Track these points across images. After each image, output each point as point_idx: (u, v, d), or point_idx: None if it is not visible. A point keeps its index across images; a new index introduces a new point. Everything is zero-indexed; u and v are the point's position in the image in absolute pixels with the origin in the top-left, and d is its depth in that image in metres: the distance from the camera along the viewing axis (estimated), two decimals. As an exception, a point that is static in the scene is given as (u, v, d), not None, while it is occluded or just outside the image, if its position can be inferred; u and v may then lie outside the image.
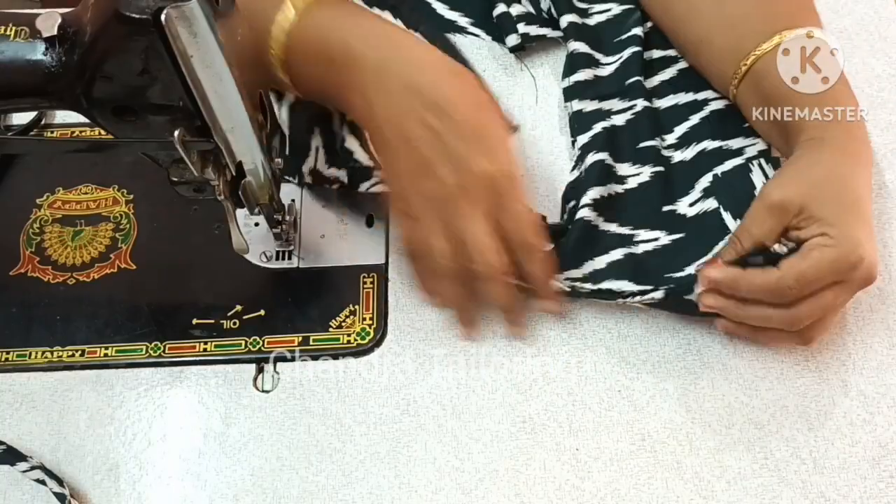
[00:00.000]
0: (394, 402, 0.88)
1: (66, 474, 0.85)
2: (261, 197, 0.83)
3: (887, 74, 1.03)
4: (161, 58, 0.65)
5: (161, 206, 0.98)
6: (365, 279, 0.94)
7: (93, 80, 0.69)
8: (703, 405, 0.87)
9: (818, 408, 0.87)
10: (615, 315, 0.91)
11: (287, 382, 0.89)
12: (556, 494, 0.84)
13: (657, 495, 0.84)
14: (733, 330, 0.88)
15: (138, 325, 0.92)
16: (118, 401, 0.89)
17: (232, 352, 0.91)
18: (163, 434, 0.88)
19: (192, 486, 0.85)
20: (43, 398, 0.89)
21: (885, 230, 0.94)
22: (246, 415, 0.88)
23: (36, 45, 0.70)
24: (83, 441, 0.87)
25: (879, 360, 0.89)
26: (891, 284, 0.92)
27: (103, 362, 0.90)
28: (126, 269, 0.95)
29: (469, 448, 0.86)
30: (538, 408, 0.87)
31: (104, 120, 0.73)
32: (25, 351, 0.91)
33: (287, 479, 0.85)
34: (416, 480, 0.85)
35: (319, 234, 0.96)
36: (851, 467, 0.84)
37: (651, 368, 0.89)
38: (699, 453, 0.85)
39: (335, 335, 0.91)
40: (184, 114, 0.71)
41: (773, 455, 0.85)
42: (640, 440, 0.86)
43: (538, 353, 0.90)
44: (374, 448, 0.86)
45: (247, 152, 0.77)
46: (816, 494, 0.83)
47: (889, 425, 0.86)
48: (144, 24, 0.63)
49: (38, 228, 0.97)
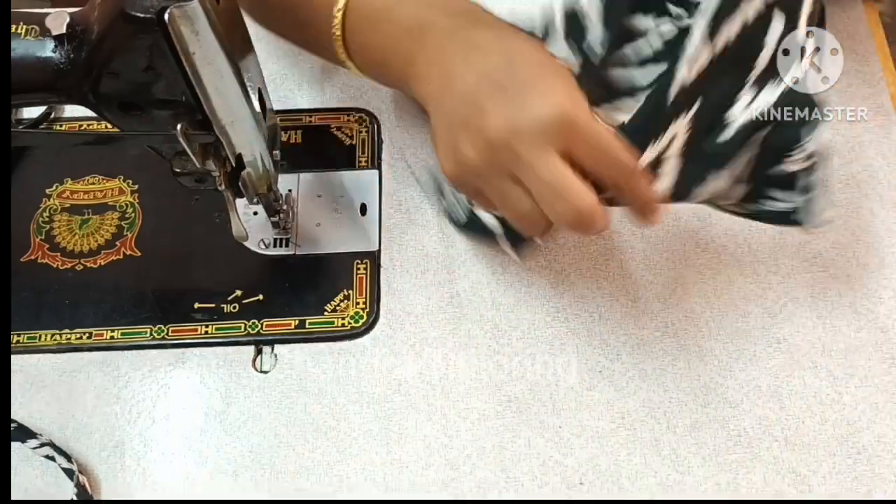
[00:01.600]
0: (385, 382, 0.90)
1: (74, 451, 0.87)
2: (259, 187, 0.85)
3: (854, 70, 1.05)
4: (165, 55, 0.67)
5: (165, 196, 0.99)
6: (358, 265, 0.95)
7: (100, 76, 0.71)
8: (679, 385, 0.90)
9: (789, 388, 0.89)
10: (597, 299, 0.93)
11: (284, 363, 0.91)
12: (540, 470, 0.86)
13: (636, 471, 0.86)
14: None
15: (143, 309, 0.93)
16: (124, 381, 0.90)
17: (232, 334, 0.92)
18: (166, 413, 0.89)
19: (193, 462, 0.87)
20: (52, 378, 0.90)
21: (853, 219, 0.97)
22: (245, 394, 0.90)
23: (46, 42, 0.71)
24: (90, 419, 0.89)
25: (847, 342, 0.91)
26: (858, 270, 0.94)
27: (109, 344, 0.92)
28: (131, 255, 0.96)
29: (457, 426, 0.88)
30: (523, 388, 0.89)
31: (111, 114, 0.74)
32: (35, 333, 0.92)
33: (284, 456, 0.87)
34: (406, 456, 0.87)
35: (315, 222, 0.98)
36: (821, 444, 0.87)
37: (630, 350, 0.91)
38: (676, 431, 0.88)
39: (330, 319, 0.93)
40: (186, 108, 0.72)
41: (746, 433, 0.87)
42: (620, 418, 0.88)
43: (523, 336, 0.92)
44: (366, 426, 0.88)
45: (246, 145, 0.78)
46: (787, 470, 0.86)
47: (856, 404, 0.88)
48: (149, 22, 0.64)
49: (48, 217, 0.98)
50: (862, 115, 1.02)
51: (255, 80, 0.80)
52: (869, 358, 0.91)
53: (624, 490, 0.85)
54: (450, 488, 0.86)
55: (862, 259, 0.95)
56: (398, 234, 0.98)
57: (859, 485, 0.85)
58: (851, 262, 0.95)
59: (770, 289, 0.94)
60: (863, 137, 1.02)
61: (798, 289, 0.94)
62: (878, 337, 0.92)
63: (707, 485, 0.86)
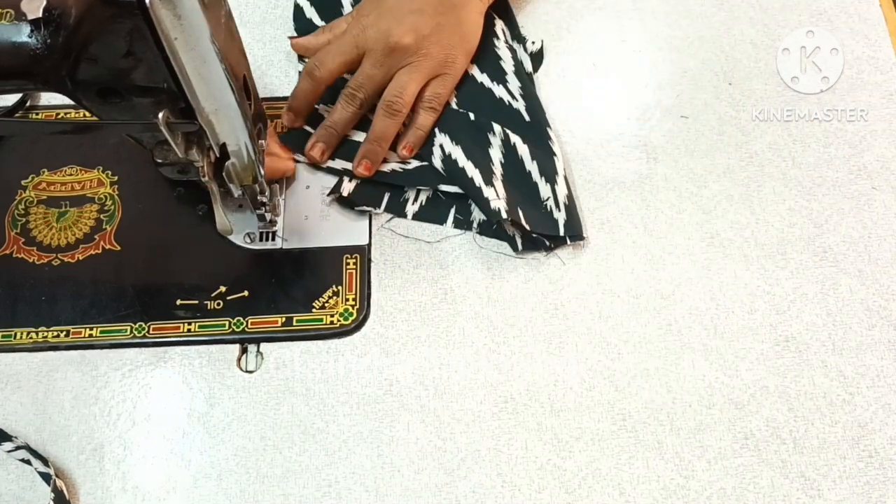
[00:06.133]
0: (376, 382, 0.89)
1: (50, 454, 0.85)
2: (244, 178, 0.84)
3: (867, 56, 1.03)
4: (146, 40, 0.65)
5: (145, 188, 0.98)
6: (348, 260, 0.94)
7: (78, 62, 0.69)
8: (683, 385, 0.88)
9: (798, 388, 0.87)
10: (597, 295, 0.92)
11: (270, 363, 0.90)
12: (538, 474, 0.84)
13: (638, 475, 0.84)
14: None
15: (123, 305, 0.92)
16: (103, 381, 0.89)
17: (216, 332, 0.91)
18: (147, 414, 0.88)
19: (176, 466, 0.85)
20: (28, 378, 0.89)
21: (865, 212, 0.95)
22: (230, 395, 0.88)
23: (21, 27, 0.69)
24: (68, 421, 0.87)
25: (859, 340, 0.89)
26: (870, 265, 0.92)
27: (88, 343, 0.90)
28: (111, 250, 0.95)
29: (451, 428, 0.86)
30: (520, 388, 0.88)
31: (89, 102, 0.73)
32: (10, 331, 0.91)
33: (270, 459, 0.85)
34: (398, 460, 0.85)
35: (303, 215, 0.96)
36: (831, 447, 0.85)
37: (632, 349, 0.89)
38: (680, 433, 0.86)
39: (318, 316, 0.91)
40: (168, 96, 0.71)
41: (753, 435, 0.85)
42: (622, 420, 0.86)
43: (519, 334, 0.90)
44: (356, 428, 0.86)
45: (230, 134, 0.77)
46: (796, 474, 0.84)
47: (868, 405, 0.86)
48: (129, 6, 0.63)
49: (24, 210, 0.97)
50: (862, 115, 1.01)
51: (241, 67, 0.78)
52: (881, 357, 0.89)
53: (625, 495, 0.84)
54: (443, 493, 0.84)
55: (874, 254, 0.93)
56: (389, 227, 0.96)
57: (871, 489, 0.84)
58: (863, 256, 0.93)
59: (778, 285, 0.92)
60: (874, 126, 1.00)
61: (807, 285, 0.92)
62: (891, 335, 0.90)
63: (712, 489, 0.84)
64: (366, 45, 0.96)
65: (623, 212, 0.96)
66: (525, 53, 1.05)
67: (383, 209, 0.96)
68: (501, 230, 0.94)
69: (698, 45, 1.05)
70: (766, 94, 1.01)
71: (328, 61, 0.97)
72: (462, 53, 0.99)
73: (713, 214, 0.96)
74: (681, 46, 1.05)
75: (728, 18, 1.06)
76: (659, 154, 0.99)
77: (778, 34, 1.04)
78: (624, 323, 0.90)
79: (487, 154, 0.95)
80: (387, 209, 0.96)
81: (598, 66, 1.05)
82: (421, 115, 0.97)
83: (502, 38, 1.04)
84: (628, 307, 0.91)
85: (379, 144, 0.96)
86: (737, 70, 1.03)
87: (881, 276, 0.92)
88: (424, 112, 0.97)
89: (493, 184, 0.93)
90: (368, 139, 0.96)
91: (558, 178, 0.95)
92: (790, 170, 0.97)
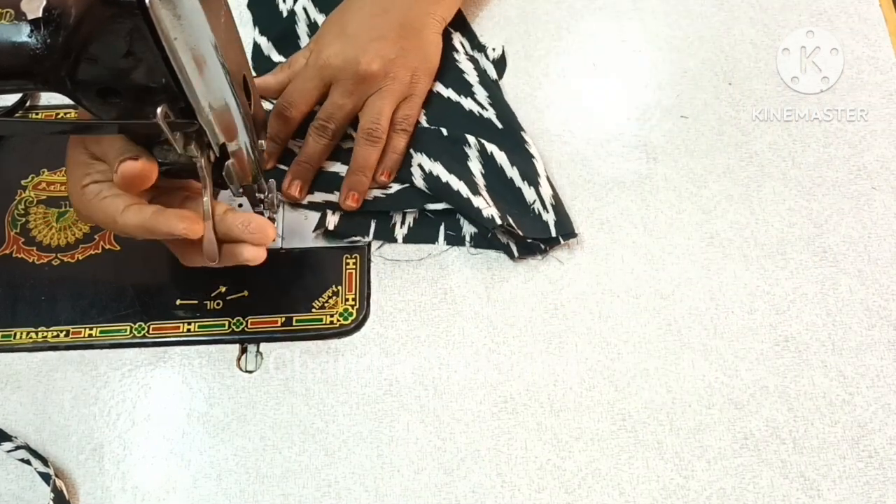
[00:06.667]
0: (376, 382, 0.88)
1: (50, 454, 0.85)
2: (244, 178, 0.83)
3: (867, 56, 1.03)
4: (145, 40, 0.65)
5: None
6: (348, 260, 0.94)
7: (77, 61, 0.69)
8: (683, 385, 0.87)
9: (797, 388, 0.87)
10: (597, 295, 0.91)
11: (270, 363, 0.89)
12: (538, 474, 0.84)
13: (638, 475, 0.84)
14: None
15: (122, 305, 0.92)
16: (102, 381, 0.89)
17: (215, 332, 0.91)
18: (147, 414, 0.87)
19: (175, 466, 0.85)
20: (28, 378, 0.89)
21: (865, 212, 0.95)
22: (229, 395, 0.88)
23: (21, 27, 0.69)
24: (68, 421, 0.87)
25: (858, 340, 0.89)
26: (869, 265, 0.92)
27: (88, 343, 0.90)
28: (110, 249, 0.95)
29: (451, 428, 0.86)
30: (519, 388, 0.88)
31: (89, 101, 0.72)
32: (10, 331, 0.90)
33: (270, 459, 0.85)
34: (398, 460, 0.85)
35: (303, 215, 0.96)
36: (831, 447, 0.85)
37: (632, 349, 0.89)
38: (679, 433, 0.85)
39: (318, 316, 0.91)
40: (168, 95, 0.70)
41: (752, 435, 0.85)
42: (621, 420, 0.86)
43: (519, 334, 0.90)
44: (356, 428, 0.86)
45: (230, 134, 0.77)
46: (796, 474, 0.84)
47: (868, 405, 0.86)
48: (129, 6, 0.62)
49: (24, 209, 0.97)
50: (862, 115, 1.00)
51: (240, 67, 0.78)
52: (881, 357, 0.89)
53: (625, 495, 0.83)
54: (443, 493, 0.84)
55: (874, 254, 0.93)
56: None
57: (871, 489, 0.83)
58: (863, 256, 0.93)
59: (778, 285, 0.92)
60: (874, 126, 1.00)
61: (807, 285, 0.92)
62: (891, 335, 0.90)
63: (712, 489, 0.84)
64: (332, 76, 0.96)
65: (623, 212, 0.96)
66: (487, 61, 1.05)
67: (372, 237, 0.95)
68: (496, 240, 0.93)
69: (698, 45, 1.05)
70: (766, 94, 1.01)
71: (299, 101, 0.97)
72: (424, 74, 0.99)
73: (713, 214, 0.95)
74: (681, 46, 1.05)
75: (728, 18, 1.06)
76: (659, 154, 0.99)
77: (778, 34, 1.03)
78: (624, 323, 0.90)
79: (467, 167, 0.95)
80: (375, 236, 0.95)
81: (598, 66, 1.05)
82: (394, 139, 0.97)
83: (462, 50, 1.05)
84: (628, 307, 0.91)
85: (364, 174, 0.95)
86: (737, 70, 1.03)
87: (881, 276, 0.92)
88: (396, 135, 0.97)
89: (481, 193, 0.93)
90: (352, 170, 0.96)
91: (541, 180, 0.95)
92: (790, 170, 0.97)
